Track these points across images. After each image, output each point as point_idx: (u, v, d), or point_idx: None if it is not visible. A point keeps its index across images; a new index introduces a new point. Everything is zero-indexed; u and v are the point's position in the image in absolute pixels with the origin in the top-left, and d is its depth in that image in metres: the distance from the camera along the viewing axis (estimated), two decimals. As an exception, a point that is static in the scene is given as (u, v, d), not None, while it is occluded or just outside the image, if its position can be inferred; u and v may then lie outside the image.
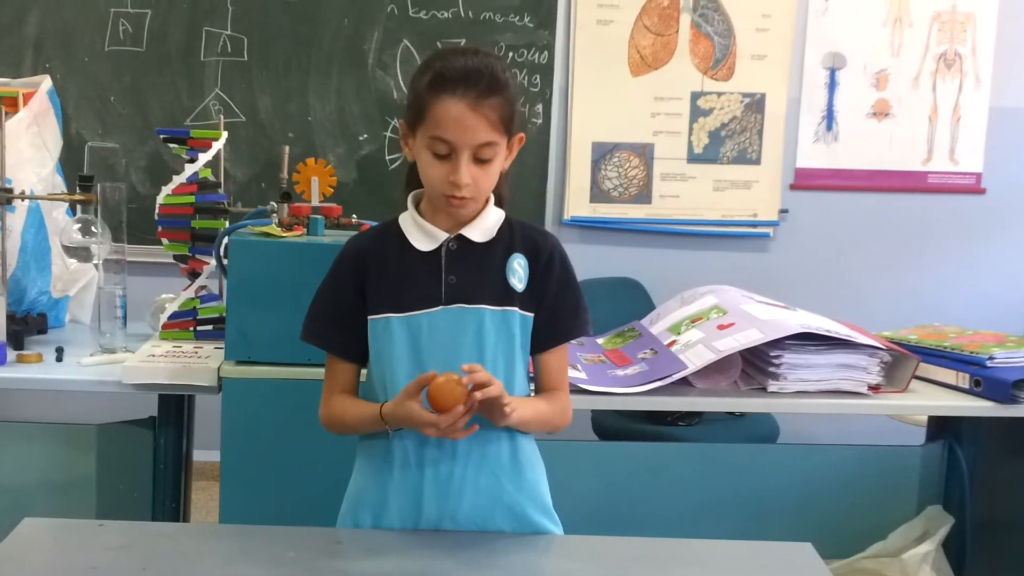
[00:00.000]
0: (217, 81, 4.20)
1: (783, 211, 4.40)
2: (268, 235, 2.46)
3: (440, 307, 1.77)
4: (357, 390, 1.86)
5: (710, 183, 4.37)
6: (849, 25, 4.34)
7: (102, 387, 2.52)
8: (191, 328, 2.78)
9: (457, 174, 1.69)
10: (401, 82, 4.22)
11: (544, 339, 1.84)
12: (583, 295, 1.86)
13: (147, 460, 2.64)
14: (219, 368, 2.46)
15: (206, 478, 3.66)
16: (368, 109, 4.25)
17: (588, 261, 4.13)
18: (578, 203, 4.35)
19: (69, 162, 3.62)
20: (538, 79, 4.29)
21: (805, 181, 4.41)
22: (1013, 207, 4.50)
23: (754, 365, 2.71)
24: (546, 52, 4.28)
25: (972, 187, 4.47)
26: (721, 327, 2.75)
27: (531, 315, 1.80)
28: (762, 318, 2.71)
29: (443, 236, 1.78)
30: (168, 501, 2.64)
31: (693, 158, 4.36)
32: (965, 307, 4.25)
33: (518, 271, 1.80)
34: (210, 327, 2.77)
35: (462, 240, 1.78)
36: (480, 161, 1.71)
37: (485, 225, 1.79)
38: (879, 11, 4.34)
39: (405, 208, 1.84)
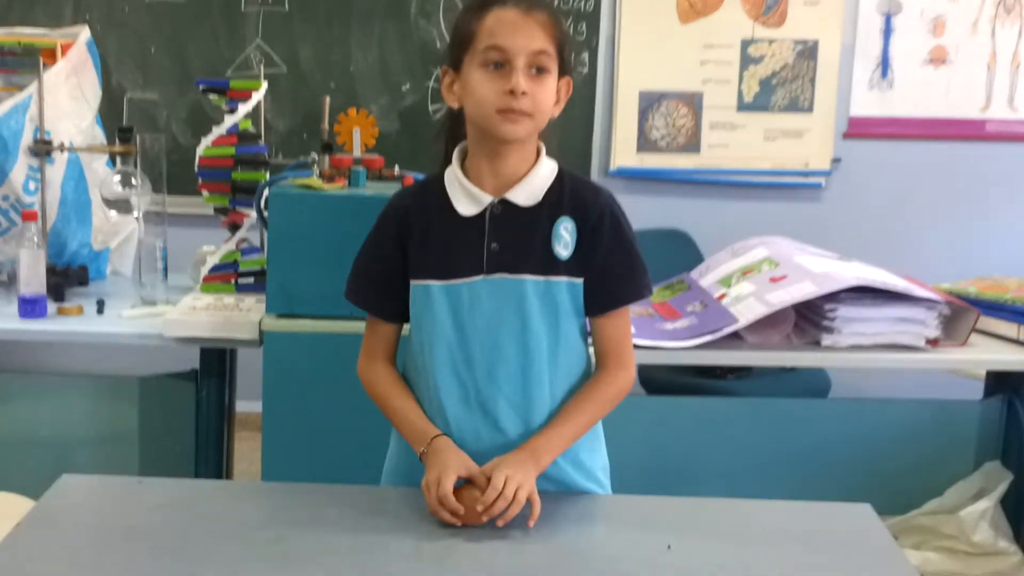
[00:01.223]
0: (258, 31, 4.14)
1: (836, 161, 4.31)
2: (309, 187, 2.41)
3: (482, 276, 1.70)
4: (396, 349, 1.81)
5: (760, 132, 4.27)
6: (906, -32, 4.19)
7: (143, 340, 2.51)
8: (232, 281, 2.75)
9: (514, 80, 1.61)
10: (444, 31, 4.15)
11: (596, 304, 1.74)
12: (640, 256, 1.75)
13: (190, 413, 2.63)
14: (260, 321, 2.43)
15: (249, 429, 3.63)
16: (410, 59, 4.19)
17: (635, 212, 3.89)
18: (625, 153, 4.27)
19: (109, 114, 3.62)
20: (584, 27, 4.20)
21: (859, 130, 4.30)
22: (1075, 155, 4.36)
23: (807, 318, 2.66)
24: (593, 0, 4.20)
25: (1032, 135, 4.34)
26: (773, 279, 2.69)
27: (580, 281, 1.72)
28: (816, 271, 2.66)
29: (487, 200, 1.70)
30: (211, 454, 2.63)
31: (743, 107, 4.27)
32: (1025, 259, 4.15)
33: (564, 236, 1.70)
34: (251, 280, 2.74)
35: (507, 204, 1.70)
36: (536, 72, 1.63)
37: (532, 186, 1.70)
38: (939, -47, 4.19)
39: (448, 163, 1.76)
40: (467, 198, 1.71)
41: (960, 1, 4.22)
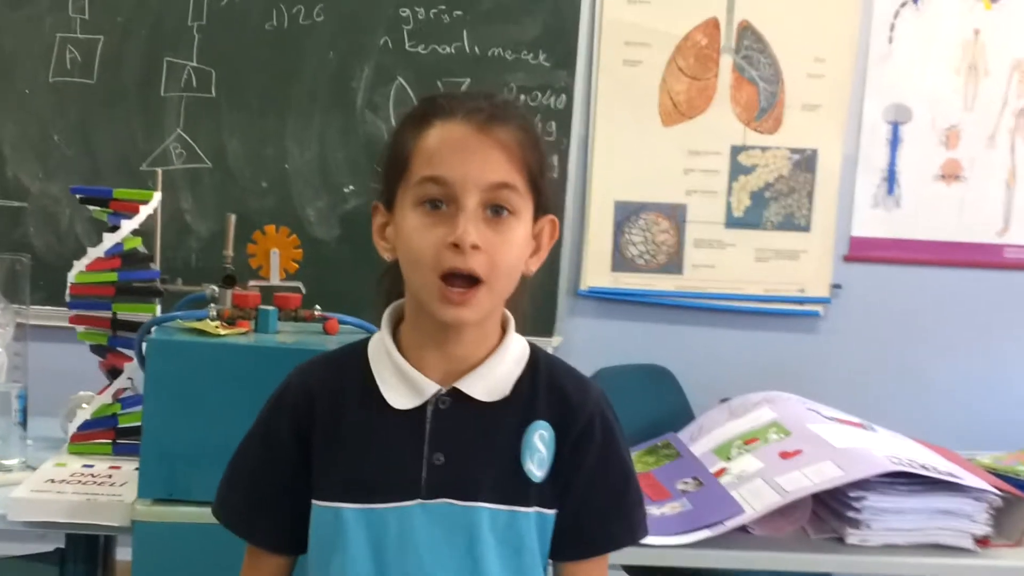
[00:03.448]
0: (179, 120, 3.68)
1: (835, 286, 3.93)
2: (200, 332, 1.93)
3: (418, 501, 1.24)
4: None
5: (751, 252, 3.89)
6: (915, 73, 3.86)
7: None
8: (110, 440, 2.26)
9: (461, 227, 1.16)
10: (394, 125, 3.66)
11: (571, 546, 1.29)
12: (636, 482, 1.32)
13: (51, 606, 2.16)
14: (133, 504, 1.93)
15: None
16: (355, 156, 3.74)
17: (608, 342, 3.76)
18: (597, 272, 3.86)
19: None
20: (554, 127, 3.79)
21: (861, 252, 3.93)
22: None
23: (826, 505, 2.19)
24: (564, 96, 3.79)
25: (1055, 263, 4.00)
26: (784, 455, 2.24)
27: (552, 513, 1.28)
28: (837, 446, 2.22)
29: (431, 389, 1.25)
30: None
31: (732, 222, 3.88)
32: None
33: (538, 449, 1.26)
34: (134, 440, 2.22)
35: (459, 397, 1.25)
36: (494, 215, 1.17)
37: (496, 375, 1.25)
38: (951, 57, 3.86)
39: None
40: (401, 384, 1.26)
41: (976, 110, 3.87)
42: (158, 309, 2.27)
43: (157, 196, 2.30)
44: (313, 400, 1.27)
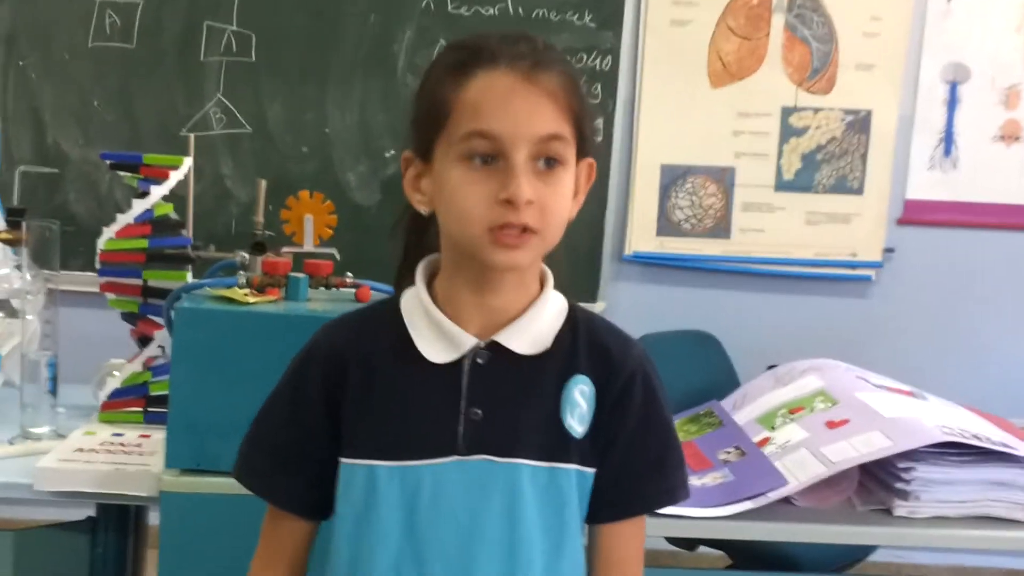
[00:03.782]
0: (219, 85, 3.65)
1: (888, 250, 3.82)
2: (229, 300, 1.88)
3: (455, 457, 1.19)
4: (307, 556, 1.30)
5: (802, 216, 3.79)
6: (975, 31, 3.73)
7: (10, 491, 1.95)
8: (141, 409, 2.22)
9: (513, 186, 1.11)
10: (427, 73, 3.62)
11: (608, 506, 1.25)
12: (677, 441, 1.29)
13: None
14: (160, 476, 1.89)
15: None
16: (396, 121, 3.68)
17: (652, 307, 3.69)
18: (642, 236, 3.79)
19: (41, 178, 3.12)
20: (599, 89, 3.70)
21: (916, 215, 3.82)
22: None
23: (873, 475, 2.10)
24: (610, 57, 3.70)
25: (1117, 225, 3.86)
26: (831, 424, 2.16)
27: (592, 471, 1.23)
28: (886, 415, 2.12)
29: (469, 343, 1.20)
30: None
31: (782, 186, 3.78)
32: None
33: (579, 404, 1.21)
34: (165, 408, 2.16)
35: (498, 350, 1.20)
36: (546, 166, 1.14)
37: (536, 328, 1.21)
38: (1012, 15, 3.72)
39: (406, 282, 1.27)
40: (438, 338, 1.20)
41: None
42: (189, 276, 2.23)
43: (188, 161, 2.25)
44: (344, 356, 1.23)
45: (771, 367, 2.68)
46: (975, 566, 3.53)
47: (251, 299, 1.89)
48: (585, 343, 1.22)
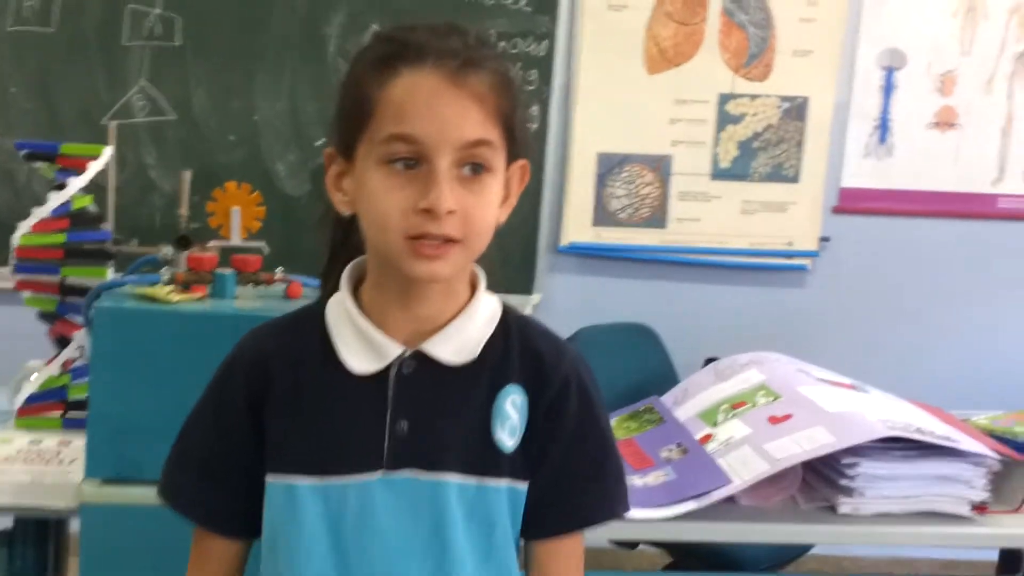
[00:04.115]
0: (143, 70, 3.52)
1: (824, 239, 3.78)
2: (151, 299, 1.82)
3: (380, 473, 1.15)
4: None
5: (738, 205, 3.73)
6: (911, 16, 3.69)
7: None
8: (59, 413, 2.15)
9: (433, 194, 1.06)
10: (351, 64, 3.53)
11: (543, 522, 1.20)
12: (616, 452, 1.23)
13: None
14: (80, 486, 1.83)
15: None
16: (327, 108, 3.46)
17: (589, 299, 3.65)
18: (578, 226, 3.72)
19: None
20: (535, 75, 3.62)
21: (851, 203, 3.78)
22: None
23: (817, 472, 2.10)
24: (545, 42, 3.62)
25: (1051, 213, 3.87)
26: (773, 419, 2.15)
27: (525, 486, 1.19)
28: (829, 410, 2.12)
29: (395, 351, 1.15)
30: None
31: (718, 174, 3.72)
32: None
33: (510, 415, 1.16)
34: (85, 413, 2.10)
35: (424, 360, 1.15)
36: (471, 172, 1.09)
37: (465, 335, 1.16)
38: (948, 0, 3.69)
39: (331, 287, 1.22)
40: (363, 347, 1.16)
41: (974, 55, 3.70)
42: (110, 273, 2.16)
43: (108, 151, 2.17)
44: (266, 366, 1.17)
45: (709, 360, 2.66)
46: (913, 557, 3.53)
47: (175, 297, 1.84)
48: (518, 350, 1.18)
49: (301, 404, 1.16)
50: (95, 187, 2.20)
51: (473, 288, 1.19)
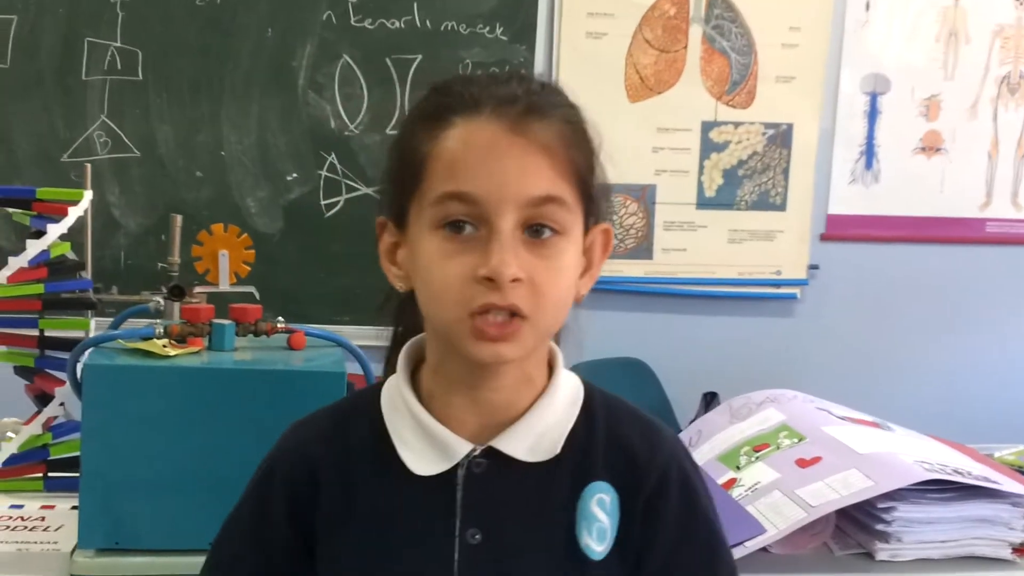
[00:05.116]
0: (103, 106, 3.41)
1: (813, 267, 3.74)
2: (146, 354, 1.68)
3: None
4: None
5: (725, 234, 3.68)
6: (894, 41, 3.67)
7: None
8: (40, 475, 1.99)
9: (495, 257, 0.92)
10: (340, 107, 3.43)
11: None
12: (728, 551, 1.09)
13: None
14: (71, 555, 1.69)
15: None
16: (298, 141, 3.48)
17: (578, 333, 3.50)
18: None
19: None
20: None
21: (839, 230, 3.74)
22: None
23: (850, 517, 1.99)
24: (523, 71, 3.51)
25: (1040, 237, 3.87)
26: (802, 463, 2.03)
27: None
28: (860, 451, 2.01)
29: (463, 448, 1.01)
30: None
31: (704, 203, 3.67)
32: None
33: (598, 518, 1.02)
34: (69, 473, 1.97)
35: (497, 458, 1.01)
36: (536, 235, 0.95)
37: (542, 429, 1.01)
38: (931, 25, 3.67)
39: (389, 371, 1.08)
40: (425, 444, 1.02)
41: (957, 79, 3.69)
42: (92, 323, 2.01)
43: (88, 195, 2.02)
44: (314, 469, 1.04)
45: (707, 395, 2.57)
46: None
47: (171, 351, 1.70)
48: (604, 439, 1.04)
49: (354, 513, 1.03)
50: (70, 232, 2.06)
51: (551, 369, 1.06)
